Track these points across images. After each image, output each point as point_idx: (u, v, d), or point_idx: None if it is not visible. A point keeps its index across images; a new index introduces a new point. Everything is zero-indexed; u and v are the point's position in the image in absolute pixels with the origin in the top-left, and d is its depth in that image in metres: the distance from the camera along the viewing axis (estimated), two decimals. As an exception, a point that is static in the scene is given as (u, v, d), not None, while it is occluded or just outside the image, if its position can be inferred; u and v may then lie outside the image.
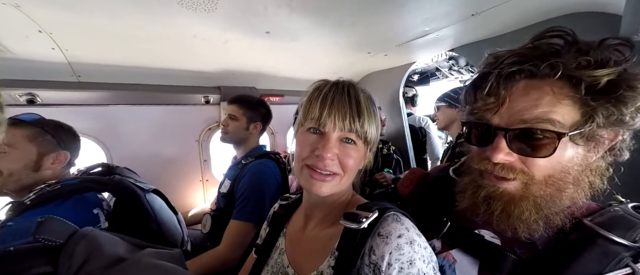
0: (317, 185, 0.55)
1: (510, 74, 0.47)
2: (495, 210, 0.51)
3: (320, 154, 0.53)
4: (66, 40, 1.12)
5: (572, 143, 0.45)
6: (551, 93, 0.44)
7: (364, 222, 0.49)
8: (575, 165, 0.46)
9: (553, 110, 0.44)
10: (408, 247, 0.47)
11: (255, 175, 1.25)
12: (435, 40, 1.47)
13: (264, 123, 1.48)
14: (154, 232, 1.09)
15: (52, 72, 1.29)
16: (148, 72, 1.51)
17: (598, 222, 0.46)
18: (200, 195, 2.03)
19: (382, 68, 2.14)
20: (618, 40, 0.44)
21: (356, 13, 1.08)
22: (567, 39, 0.46)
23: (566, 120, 0.44)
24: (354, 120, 0.54)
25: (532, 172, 0.47)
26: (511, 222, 0.49)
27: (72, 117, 1.46)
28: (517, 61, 0.47)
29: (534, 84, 0.46)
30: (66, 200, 0.89)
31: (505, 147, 0.47)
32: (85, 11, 0.94)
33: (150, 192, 1.17)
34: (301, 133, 0.59)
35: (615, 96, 0.42)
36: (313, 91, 0.58)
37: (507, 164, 0.48)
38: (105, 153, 1.60)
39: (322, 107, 0.54)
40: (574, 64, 0.43)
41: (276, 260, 0.66)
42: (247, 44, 1.34)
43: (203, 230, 1.31)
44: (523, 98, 0.46)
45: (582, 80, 0.42)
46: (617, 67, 0.42)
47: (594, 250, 0.43)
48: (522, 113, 0.46)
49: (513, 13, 1.16)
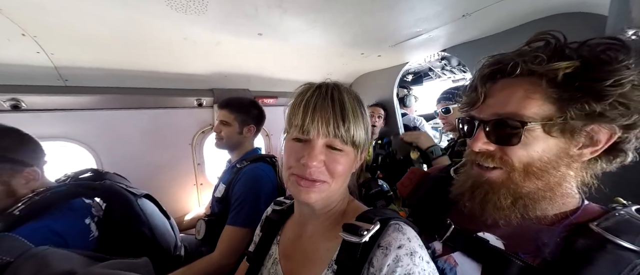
0: (304, 192, 0.53)
1: (491, 73, 0.53)
2: (477, 198, 0.55)
3: (305, 163, 0.51)
4: (51, 44, 1.08)
5: (546, 134, 0.48)
6: (522, 89, 0.49)
7: (365, 235, 0.47)
8: (553, 155, 0.49)
9: (523, 104, 0.48)
10: (408, 259, 0.45)
11: (251, 179, 1.23)
12: (428, 41, 1.48)
13: (257, 125, 1.45)
14: (147, 237, 1.07)
15: (38, 76, 1.25)
16: (138, 75, 1.48)
17: (605, 227, 0.45)
18: (195, 199, 2.00)
19: (375, 69, 2.15)
20: (605, 39, 0.46)
21: (348, 13, 1.08)
22: (549, 41, 0.50)
23: (538, 113, 0.47)
24: (338, 126, 0.52)
25: (511, 160, 0.51)
26: (489, 209, 0.54)
27: (60, 122, 1.43)
28: (497, 62, 0.53)
29: (509, 82, 0.52)
30: (57, 209, 0.86)
31: (483, 137, 0.53)
32: (71, 14, 0.92)
33: (141, 197, 1.15)
34: (287, 141, 0.58)
35: (576, 87, 0.44)
36: (296, 97, 0.56)
37: (488, 152, 0.53)
38: (94, 159, 1.56)
39: (305, 113, 0.52)
40: (537, 61, 0.47)
41: (270, 270, 0.64)
42: (240, 46, 1.32)
43: (197, 236, 1.29)
44: (498, 94, 0.52)
45: (543, 74, 0.47)
46: (574, 62, 0.44)
47: (604, 257, 0.42)
48: (497, 107, 0.51)
49: (502, 14, 1.18)
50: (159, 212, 1.24)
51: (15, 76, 1.21)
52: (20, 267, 0.37)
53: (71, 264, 0.40)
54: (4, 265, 0.37)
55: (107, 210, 0.99)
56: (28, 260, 0.38)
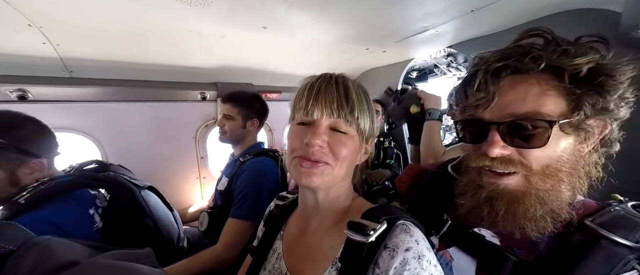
0: (306, 174, 0.51)
1: (497, 70, 0.49)
2: (500, 211, 0.50)
3: (308, 142, 0.50)
4: (57, 35, 1.08)
5: (562, 133, 0.46)
6: (537, 85, 0.46)
7: (371, 235, 0.45)
8: (569, 155, 0.47)
9: (541, 101, 0.46)
10: (415, 262, 0.44)
11: (254, 173, 1.24)
12: (434, 37, 1.45)
13: (260, 119, 1.45)
14: (150, 228, 1.08)
15: (44, 67, 1.26)
16: (143, 67, 1.48)
17: (600, 223, 0.45)
18: (198, 192, 2.01)
19: (380, 64, 2.13)
20: (594, 37, 0.46)
21: (355, 7, 1.06)
22: (546, 37, 0.48)
23: (554, 111, 0.45)
24: (342, 106, 0.52)
25: (530, 163, 0.47)
26: (518, 221, 0.49)
27: (65, 113, 1.44)
28: (502, 58, 0.49)
29: (520, 78, 0.48)
30: (61, 200, 0.87)
31: (499, 140, 0.48)
32: (76, 4, 0.91)
33: (145, 189, 1.16)
34: (292, 127, 0.58)
35: (597, 83, 0.43)
36: (302, 86, 0.57)
37: (505, 157, 0.49)
38: (99, 150, 1.57)
39: (309, 96, 0.52)
40: (556, 55, 0.45)
41: (274, 265, 0.64)
42: (244, 40, 1.31)
43: (200, 227, 1.30)
44: (511, 92, 0.48)
45: (565, 69, 0.44)
46: (595, 56, 0.44)
47: (598, 252, 0.42)
48: (512, 106, 0.47)
49: (512, 9, 1.15)
50: (162, 204, 1.25)
51: (21, 67, 1.22)
52: (24, 255, 0.37)
53: (74, 253, 0.40)
54: (6, 254, 0.37)
55: (111, 201, 1.00)
56: (31, 249, 0.38)
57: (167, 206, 1.28)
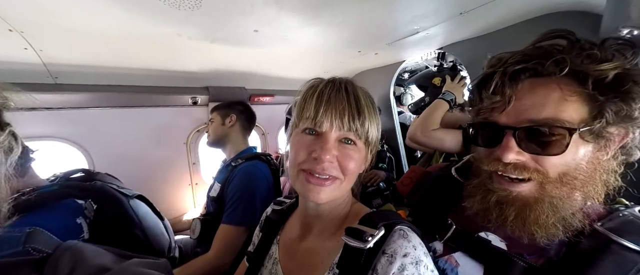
0: (314, 191, 0.50)
1: (515, 73, 0.46)
2: (509, 216, 0.48)
3: (318, 156, 0.48)
4: (40, 40, 1.05)
5: (582, 140, 0.44)
6: (558, 90, 0.44)
7: (369, 241, 0.45)
8: (587, 162, 0.45)
9: (561, 107, 0.43)
10: (413, 267, 0.44)
11: (246, 177, 1.22)
12: (425, 39, 1.48)
13: (238, 114, 1.46)
14: (140, 239, 1.04)
15: (26, 73, 1.21)
16: (131, 72, 1.45)
17: (609, 228, 0.44)
18: (190, 199, 1.97)
19: (372, 67, 2.15)
20: (620, 41, 0.44)
21: (346, 10, 1.07)
22: (570, 39, 0.46)
23: (574, 117, 0.43)
24: (353, 119, 0.50)
25: (547, 171, 0.45)
26: (527, 227, 0.47)
27: (49, 120, 1.39)
28: (522, 60, 0.46)
29: (540, 81, 0.45)
30: (48, 207, 0.83)
31: (515, 146, 0.46)
32: (60, 8, 0.88)
33: (134, 198, 1.13)
34: (296, 135, 0.54)
35: (623, 90, 0.41)
36: (308, 89, 0.54)
37: (519, 163, 0.47)
38: (86, 158, 1.52)
39: (318, 105, 0.49)
40: (580, 59, 0.43)
41: (270, 270, 0.63)
42: (235, 43, 1.30)
43: (192, 235, 1.27)
44: (530, 96, 0.45)
45: (589, 74, 0.42)
46: (623, 61, 0.42)
47: (609, 258, 0.41)
48: (530, 111, 0.45)
49: (499, 12, 1.18)
50: (152, 214, 1.21)
51: (2, 73, 1.17)
52: (60, 258, 0.37)
53: (103, 259, 0.41)
54: (44, 258, 0.37)
55: (97, 212, 0.96)
56: (65, 252, 0.38)
57: (158, 215, 1.25)
